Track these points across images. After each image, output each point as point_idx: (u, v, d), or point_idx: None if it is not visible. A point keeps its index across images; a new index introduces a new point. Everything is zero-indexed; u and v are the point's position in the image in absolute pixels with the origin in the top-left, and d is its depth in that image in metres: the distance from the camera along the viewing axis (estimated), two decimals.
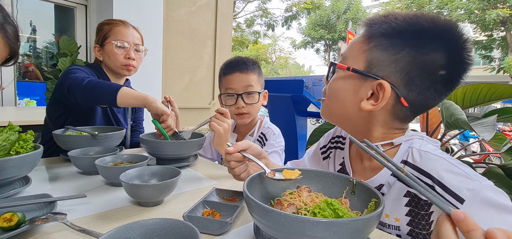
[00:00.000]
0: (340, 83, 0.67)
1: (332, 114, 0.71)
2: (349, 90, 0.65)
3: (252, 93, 1.18)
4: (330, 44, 21.34)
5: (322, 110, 0.74)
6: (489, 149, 4.67)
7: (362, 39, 0.64)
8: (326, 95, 0.71)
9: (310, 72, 35.48)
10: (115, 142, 1.08)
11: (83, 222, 0.57)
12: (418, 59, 0.57)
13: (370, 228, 0.41)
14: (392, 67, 0.59)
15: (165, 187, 0.66)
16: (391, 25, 0.60)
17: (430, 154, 0.59)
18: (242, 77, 1.17)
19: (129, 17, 2.26)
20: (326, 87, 0.71)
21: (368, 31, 0.63)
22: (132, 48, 1.28)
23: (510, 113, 1.24)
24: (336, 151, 0.84)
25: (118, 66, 1.27)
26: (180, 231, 0.44)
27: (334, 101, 0.69)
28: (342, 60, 0.67)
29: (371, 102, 0.62)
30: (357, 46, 0.64)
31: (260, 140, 1.25)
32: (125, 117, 1.40)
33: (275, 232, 0.42)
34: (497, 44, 14.37)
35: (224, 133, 0.96)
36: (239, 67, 1.18)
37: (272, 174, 0.56)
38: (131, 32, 1.29)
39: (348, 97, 0.65)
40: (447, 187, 0.53)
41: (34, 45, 2.56)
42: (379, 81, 0.59)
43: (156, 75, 2.59)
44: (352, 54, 0.65)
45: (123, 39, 1.26)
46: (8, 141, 0.71)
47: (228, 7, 3.74)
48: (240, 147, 0.66)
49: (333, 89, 0.68)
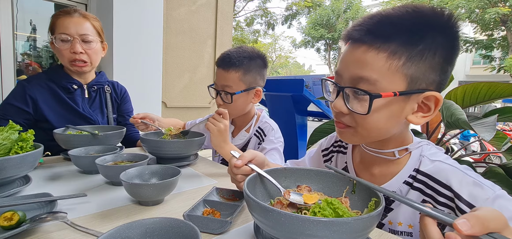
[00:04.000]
0: (383, 113, 0.58)
1: (365, 139, 0.64)
2: (393, 114, 0.58)
3: (227, 94, 1.12)
4: (330, 43, 21.32)
5: (349, 138, 0.65)
6: (489, 148, 4.67)
7: (385, 55, 0.55)
8: (355, 124, 0.61)
9: (310, 71, 35.46)
10: (116, 141, 1.08)
11: (83, 221, 0.57)
12: (440, 52, 0.56)
13: (370, 227, 0.41)
14: (429, 73, 0.56)
15: (165, 186, 0.66)
16: (404, 29, 0.55)
17: (443, 164, 0.60)
18: (222, 74, 1.13)
19: (129, 16, 2.25)
20: (349, 116, 0.62)
21: (383, 43, 0.55)
22: (76, 40, 1.12)
23: (510, 113, 1.24)
24: (338, 155, 0.82)
25: (66, 63, 1.16)
26: (180, 230, 0.44)
27: (374, 132, 0.61)
28: (371, 86, 0.56)
29: (420, 115, 0.59)
30: (383, 66, 0.55)
31: (257, 135, 1.22)
32: (102, 112, 1.31)
33: (275, 232, 0.42)
34: (497, 43, 14.34)
35: (219, 133, 0.94)
36: (223, 63, 1.13)
37: (287, 194, 0.54)
38: (75, 22, 1.12)
39: (394, 121, 0.60)
40: (464, 199, 0.54)
41: (34, 44, 2.56)
42: (427, 94, 0.57)
43: (156, 75, 2.59)
44: (382, 76, 0.56)
45: (65, 32, 1.11)
46: (9, 140, 0.71)
47: (228, 6, 3.73)
48: (247, 158, 0.65)
49: (375, 120, 0.58)
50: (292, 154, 2.30)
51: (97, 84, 1.28)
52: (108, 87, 1.34)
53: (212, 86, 1.19)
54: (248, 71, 1.13)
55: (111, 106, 1.34)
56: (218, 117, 0.95)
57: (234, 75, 1.11)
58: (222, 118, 0.96)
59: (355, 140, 0.65)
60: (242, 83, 1.13)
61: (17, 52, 2.38)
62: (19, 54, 2.46)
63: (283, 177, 0.61)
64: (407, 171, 0.64)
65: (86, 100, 1.26)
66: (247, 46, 1.19)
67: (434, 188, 0.60)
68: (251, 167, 0.63)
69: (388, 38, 0.55)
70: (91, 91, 1.27)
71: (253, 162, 0.66)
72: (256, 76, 1.16)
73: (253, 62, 1.14)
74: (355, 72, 0.58)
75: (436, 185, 0.59)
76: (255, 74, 1.15)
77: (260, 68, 1.17)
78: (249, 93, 1.16)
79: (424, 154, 0.63)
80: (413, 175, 0.63)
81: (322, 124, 1.68)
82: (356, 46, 0.59)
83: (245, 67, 1.12)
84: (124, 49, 2.31)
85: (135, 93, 1.60)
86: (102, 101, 1.32)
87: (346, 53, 0.61)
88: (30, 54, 2.50)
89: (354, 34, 0.59)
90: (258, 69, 1.16)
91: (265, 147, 1.14)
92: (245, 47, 1.17)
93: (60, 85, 1.19)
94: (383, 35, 0.56)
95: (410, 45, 0.55)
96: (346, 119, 0.62)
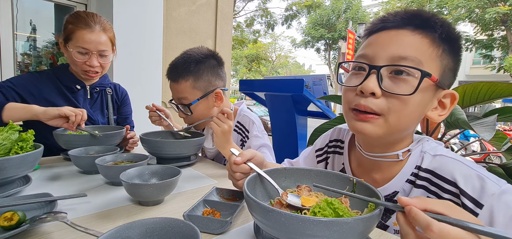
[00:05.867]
0: (419, 99, 0.55)
1: (391, 133, 0.58)
2: (425, 104, 0.56)
3: (184, 105, 1.08)
4: (330, 43, 21.31)
5: (374, 130, 0.57)
6: (489, 148, 4.67)
7: (428, 41, 0.55)
8: (387, 110, 0.55)
9: (310, 71, 35.48)
10: (115, 141, 1.08)
11: (83, 221, 0.57)
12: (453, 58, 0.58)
13: (370, 227, 0.41)
14: (449, 71, 0.58)
15: (165, 186, 0.66)
16: (448, 27, 0.57)
17: (446, 158, 0.59)
18: (173, 87, 1.09)
19: (129, 16, 2.25)
20: (381, 101, 0.55)
21: (433, 31, 0.56)
22: (94, 55, 1.15)
23: (510, 113, 1.24)
24: (334, 156, 0.80)
25: (79, 71, 1.19)
26: (180, 230, 0.44)
27: (405, 121, 0.56)
28: (417, 64, 0.54)
29: (438, 112, 0.59)
30: (426, 50, 0.55)
31: (238, 129, 1.16)
32: (102, 113, 1.32)
33: (275, 232, 0.42)
34: (497, 43, 14.34)
35: (222, 134, 0.91)
36: (171, 75, 1.08)
37: (285, 195, 0.54)
38: (95, 37, 1.14)
39: (421, 113, 0.57)
40: (468, 194, 0.53)
41: (34, 44, 2.56)
42: (447, 92, 0.57)
43: (156, 75, 2.59)
44: (426, 60, 0.54)
45: (85, 47, 1.12)
46: (9, 140, 0.71)
47: (228, 6, 3.73)
48: (246, 156, 0.64)
49: (413, 104, 0.55)
50: (292, 154, 2.29)
51: (100, 86, 1.30)
52: (109, 89, 1.36)
53: (172, 102, 1.14)
54: (199, 77, 1.06)
55: (111, 107, 1.36)
56: (223, 117, 0.92)
57: (185, 84, 1.05)
58: (226, 118, 0.92)
59: (380, 132, 0.57)
60: (196, 91, 1.06)
61: (17, 52, 2.38)
62: (19, 54, 2.46)
63: (283, 177, 0.61)
64: (408, 169, 0.62)
65: (87, 101, 1.28)
66: (194, 49, 1.11)
67: (438, 185, 0.58)
68: (250, 166, 0.63)
69: (432, 27, 0.56)
70: (93, 92, 1.29)
71: (252, 160, 0.65)
72: (210, 78, 1.08)
73: (202, 65, 1.07)
74: (396, 52, 0.55)
75: (440, 181, 0.58)
76: (208, 76, 1.07)
77: (212, 68, 1.09)
78: (208, 98, 1.09)
79: (424, 149, 0.62)
80: (415, 172, 0.61)
81: (322, 124, 1.68)
82: (394, 32, 0.58)
83: (194, 73, 1.05)
84: (124, 49, 2.31)
85: (135, 93, 1.60)
86: (103, 103, 1.33)
87: (380, 37, 0.59)
88: (30, 54, 2.50)
89: (392, 21, 0.58)
90: (211, 70, 1.08)
91: (253, 144, 1.09)
92: (191, 51, 1.09)
93: (65, 85, 1.21)
94: (428, 23, 0.56)
95: (445, 40, 0.56)
96: (376, 105, 0.55)
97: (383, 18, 0.60)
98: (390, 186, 0.63)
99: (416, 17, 0.57)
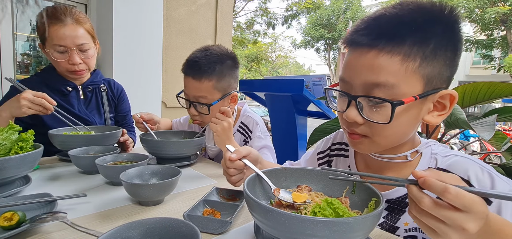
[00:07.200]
0: (403, 118, 0.55)
1: (383, 147, 0.61)
2: (413, 117, 0.56)
3: (202, 105, 1.04)
4: (330, 43, 21.32)
5: (366, 148, 0.61)
6: (489, 148, 4.67)
7: (398, 58, 0.52)
8: (371, 133, 0.58)
9: (310, 71, 35.47)
10: (112, 141, 1.06)
11: (83, 221, 0.57)
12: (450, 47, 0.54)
13: (370, 227, 0.41)
14: (444, 70, 0.54)
15: (165, 186, 0.66)
16: (416, 27, 0.52)
17: (459, 157, 0.60)
18: (193, 84, 1.03)
19: (129, 16, 2.26)
20: (365, 126, 0.57)
21: (395, 46, 0.52)
22: (74, 51, 1.08)
23: (510, 113, 1.24)
24: (339, 159, 0.79)
25: (63, 72, 1.13)
26: (180, 230, 0.44)
27: (393, 138, 0.59)
28: (389, 91, 0.52)
29: (436, 114, 0.58)
30: (399, 69, 0.52)
31: (241, 130, 1.16)
32: (99, 113, 1.27)
33: (275, 231, 0.42)
34: (497, 43, 14.34)
35: (223, 131, 0.91)
36: (192, 71, 1.03)
37: (277, 191, 0.54)
38: (70, 31, 1.06)
39: (413, 124, 0.58)
40: None
41: (34, 44, 2.55)
42: (442, 93, 0.55)
43: (156, 75, 2.59)
44: (399, 80, 0.52)
45: (61, 43, 1.05)
46: (9, 140, 0.71)
47: (228, 6, 3.73)
48: (241, 153, 0.64)
49: (395, 127, 0.55)
50: (292, 154, 2.30)
51: (92, 84, 1.24)
52: (104, 86, 1.30)
53: (180, 95, 1.09)
54: (222, 78, 1.04)
55: (107, 105, 1.30)
56: (221, 116, 0.91)
57: (207, 84, 1.02)
58: (224, 116, 0.91)
59: (373, 149, 0.61)
60: (216, 92, 1.04)
61: (17, 52, 2.38)
62: (19, 54, 2.46)
63: (283, 177, 0.61)
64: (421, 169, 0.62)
65: (82, 102, 1.22)
66: (214, 47, 1.08)
67: None
68: (245, 163, 0.63)
69: (400, 39, 0.52)
70: (86, 91, 1.23)
71: (247, 158, 0.65)
72: (230, 80, 1.07)
73: (225, 66, 1.05)
74: (368, 79, 0.54)
75: None
76: (229, 78, 1.06)
77: (232, 70, 1.08)
78: (224, 100, 1.07)
79: (434, 152, 0.63)
80: None
81: (322, 124, 1.68)
82: (364, 52, 0.54)
83: (218, 73, 1.03)
84: (124, 50, 2.31)
85: (135, 93, 1.60)
86: (98, 102, 1.28)
87: (353, 59, 0.57)
88: (30, 54, 2.50)
89: (360, 39, 0.55)
90: (231, 72, 1.07)
91: (254, 144, 1.09)
92: (213, 50, 1.06)
93: (55, 89, 1.15)
94: (395, 37, 0.52)
95: (423, 44, 0.52)
96: (361, 129, 0.58)
97: (352, 34, 0.57)
98: (400, 189, 0.62)
99: (380, 35, 0.53)
